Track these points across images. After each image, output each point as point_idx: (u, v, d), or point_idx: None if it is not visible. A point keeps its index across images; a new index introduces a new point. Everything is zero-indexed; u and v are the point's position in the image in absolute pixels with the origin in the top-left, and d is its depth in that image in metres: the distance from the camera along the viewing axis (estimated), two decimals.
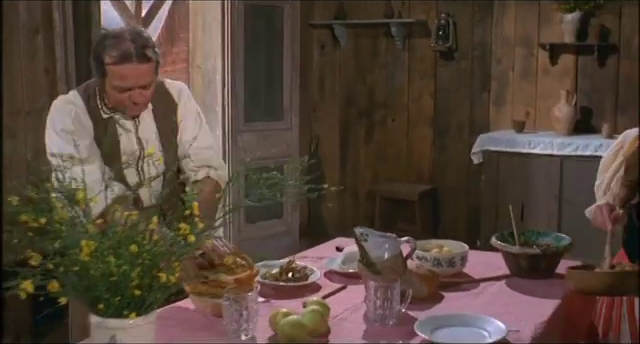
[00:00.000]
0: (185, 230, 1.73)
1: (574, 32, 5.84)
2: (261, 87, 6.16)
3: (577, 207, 5.49)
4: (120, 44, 2.56)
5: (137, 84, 2.61)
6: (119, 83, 2.60)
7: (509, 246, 2.75)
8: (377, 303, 2.22)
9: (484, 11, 6.29)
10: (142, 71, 2.60)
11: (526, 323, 2.23)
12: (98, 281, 1.70)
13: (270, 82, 6.32)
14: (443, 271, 2.65)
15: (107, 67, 2.58)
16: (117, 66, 2.57)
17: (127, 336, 1.71)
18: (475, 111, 6.43)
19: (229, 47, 5.90)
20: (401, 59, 6.68)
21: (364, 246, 2.39)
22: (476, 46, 6.37)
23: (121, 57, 2.56)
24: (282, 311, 2.16)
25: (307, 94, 6.82)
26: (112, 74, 2.59)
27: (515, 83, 6.25)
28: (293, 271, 2.62)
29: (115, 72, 2.58)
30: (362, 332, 2.20)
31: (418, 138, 6.66)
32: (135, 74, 2.59)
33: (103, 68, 2.59)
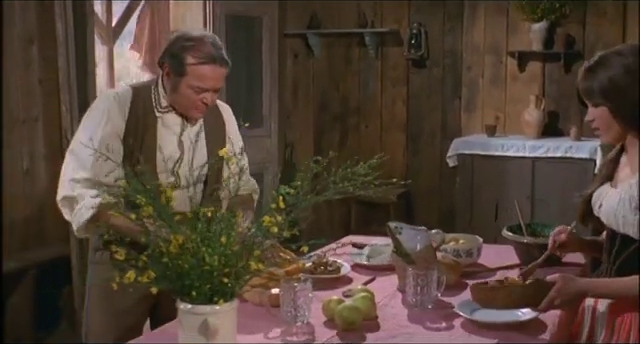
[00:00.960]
0: (269, 222, 1.91)
1: (541, 40, 6.14)
2: (241, 95, 6.32)
3: (549, 206, 5.82)
4: (202, 46, 2.66)
5: (214, 86, 2.72)
6: (199, 83, 2.67)
7: (521, 237, 2.98)
8: (417, 289, 2.42)
9: (454, 20, 6.57)
10: (220, 74, 2.72)
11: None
12: (190, 270, 1.86)
13: (249, 90, 6.49)
14: (462, 261, 2.87)
15: (189, 67, 2.65)
16: (200, 66, 2.65)
17: (216, 320, 1.87)
18: (447, 117, 6.70)
19: None
20: (374, 67, 6.91)
21: (399, 238, 2.60)
22: (447, 54, 6.63)
23: (206, 58, 2.65)
24: (334, 298, 2.36)
25: (281, 102, 7.00)
26: (193, 74, 2.66)
27: (485, 89, 6.53)
28: (325, 265, 2.82)
29: (197, 72, 2.66)
30: (406, 315, 2.41)
31: (391, 143, 6.89)
32: (215, 76, 2.70)
33: (183, 67, 2.65)
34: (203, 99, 2.71)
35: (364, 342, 2.20)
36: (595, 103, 2.22)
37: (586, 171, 5.72)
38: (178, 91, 2.71)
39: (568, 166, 5.80)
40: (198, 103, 2.72)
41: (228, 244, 1.88)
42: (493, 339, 2.21)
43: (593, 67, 2.22)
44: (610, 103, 2.18)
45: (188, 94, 2.70)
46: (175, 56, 2.68)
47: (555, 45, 6.17)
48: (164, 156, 2.77)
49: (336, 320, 2.27)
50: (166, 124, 2.79)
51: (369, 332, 2.26)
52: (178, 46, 2.68)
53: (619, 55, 2.20)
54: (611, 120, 2.21)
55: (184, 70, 2.66)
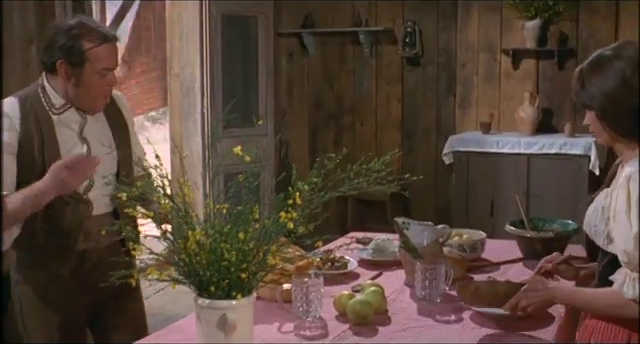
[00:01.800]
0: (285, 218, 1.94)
1: (535, 38, 6.20)
2: (237, 94, 6.35)
3: (544, 202, 5.88)
4: (90, 29, 2.59)
5: (115, 65, 2.66)
6: (105, 64, 2.60)
7: (524, 231, 3.03)
8: (425, 283, 2.47)
9: (448, 19, 6.62)
10: (116, 51, 2.67)
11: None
12: (209, 266, 1.90)
13: (245, 89, 6.53)
14: (467, 256, 2.91)
15: (88, 52, 2.55)
16: (99, 48, 2.57)
17: (235, 315, 1.91)
18: (441, 114, 6.76)
19: (207, 56, 6.09)
20: (369, 65, 6.96)
21: (406, 234, 2.64)
22: (441, 52, 6.69)
23: (101, 38, 2.58)
24: (345, 293, 2.41)
25: (277, 101, 7.03)
26: (96, 57, 2.57)
27: (479, 87, 6.59)
28: (332, 261, 2.85)
29: (99, 54, 2.58)
30: (415, 309, 2.46)
31: (386, 141, 6.94)
32: (114, 54, 2.65)
33: (83, 55, 2.55)
34: (108, 82, 2.63)
35: (376, 335, 2.24)
36: (587, 107, 2.19)
37: (580, 167, 5.79)
38: (82, 82, 2.59)
39: (563, 162, 5.86)
40: (105, 88, 2.65)
41: (246, 240, 1.91)
42: (502, 331, 2.25)
43: (587, 71, 2.16)
44: (596, 109, 2.14)
45: (94, 81, 2.60)
46: (69, 48, 2.55)
47: (549, 43, 6.23)
48: (72, 155, 2.64)
49: (348, 314, 2.32)
50: (64, 124, 2.66)
51: (381, 326, 2.31)
52: (66, 37, 2.56)
53: (616, 59, 2.11)
54: (600, 125, 2.17)
55: (84, 57, 2.56)
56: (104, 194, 2.71)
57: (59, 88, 2.62)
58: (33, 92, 2.65)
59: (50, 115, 2.63)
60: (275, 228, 1.94)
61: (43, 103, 2.63)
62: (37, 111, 2.61)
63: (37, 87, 2.66)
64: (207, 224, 1.96)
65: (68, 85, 2.60)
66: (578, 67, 2.22)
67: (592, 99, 2.14)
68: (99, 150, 2.68)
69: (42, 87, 2.64)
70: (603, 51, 2.18)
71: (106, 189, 2.69)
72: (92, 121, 2.72)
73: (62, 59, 2.56)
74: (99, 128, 2.74)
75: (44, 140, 2.61)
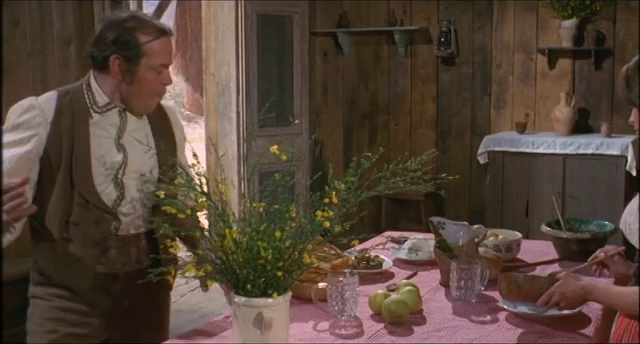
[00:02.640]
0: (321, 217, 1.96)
1: (571, 37, 6.16)
2: (272, 93, 6.39)
3: (580, 203, 5.84)
4: (145, 22, 2.43)
5: (171, 60, 2.52)
6: (161, 59, 2.44)
7: (560, 232, 3.02)
8: (461, 283, 2.47)
9: (484, 18, 6.59)
10: (172, 45, 2.52)
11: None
12: (246, 264, 1.92)
13: (280, 88, 6.56)
14: (502, 256, 2.90)
15: (144, 46, 2.39)
16: (157, 41, 2.41)
17: (271, 313, 1.92)
18: (476, 114, 6.73)
19: (243, 55, 6.13)
20: (403, 65, 6.95)
21: (441, 233, 2.64)
22: (476, 52, 6.66)
23: (157, 32, 2.43)
24: (380, 292, 2.41)
25: (311, 100, 7.06)
26: (152, 52, 2.41)
27: (515, 86, 6.55)
28: (368, 260, 2.86)
29: (156, 48, 2.42)
30: (451, 309, 2.46)
31: (421, 141, 6.93)
32: (170, 49, 2.51)
33: (139, 49, 2.38)
34: (163, 80, 2.47)
35: (411, 335, 2.25)
36: (636, 105, 2.21)
37: (617, 167, 5.73)
38: (137, 78, 2.41)
39: (599, 163, 5.81)
40: (159, 86, 2.48)
41: (282, 238, 1.93)
42: (538, 332, 2.25)
43: (631, 75, 2.18)
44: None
45: (149, 78, 2.42)
46: (125, 42, 2.38)
47: (585, 42, 6.18)
48: (104, 163, 2.44)
49: (383, 314, 2.32)
50: (102, 125, 2.45)
51: (415, 325, 2.31)
52: (120, 30, 2.39)
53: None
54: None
55: (140, 51, 2.39)
56: (136, 213, 2.48)
57: (106, 86, 2.44)
58: (76, 88, 2.48)
59: (90, 113, 2.42)
60: (311, 227, 1.96)
61: (86, 100, 2.43)
62: (75, 108, 2.42)
63: (82, 83, 2.49)
64: (244, 222, 1.98)
65: (120, 82, 2.42)
66: (625, 66, 2.24)
67: (637, 97, 2.16)
68: (138, 160, 2.49)
69: (88, 84, 2.46)
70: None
71: (139, 208, 2.48)
72: (134, 127, 2.51)
73: (116, 53, 2.38)
74: (140, 136, 2.51)
75: (74, 140, 2.40)
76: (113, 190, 2.45)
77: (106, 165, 2.43)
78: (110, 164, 2.44)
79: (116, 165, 2.45)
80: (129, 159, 2.47)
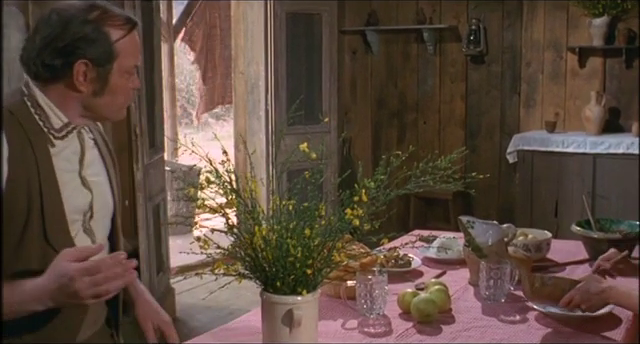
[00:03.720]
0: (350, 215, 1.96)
1: (602, 36, 6.11)
2: (301, 92, 6.40)
3: (610, 202, 5.79)
4: (112, 10, 1.88)
5: (139, 60, 1.99)
6: (134, 59, 1.92)
7: (591, 232, 2.99)
8: (490, 282, 2.45)
9: (514, 16, 6.56)
10: (138, 41, 1.97)
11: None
12: (275, 262, 1.92)
13: (309, 87, 6.57)
14: (532, 256, 2.89)
15: (117, 44, 1.85)
16: (129, 36, 1.88)
17: (300, 310, 1.93)
18: (505, 113, 6.70)
19: (272, 53, 6.14)
20: (432, 63, 6.94)
21: (471, 233, 2.63)
22: (506, 50, 6.63)
23: (129, 22, 1.90)
24: (409, 291, 2.41)
25: (340, 98, 7.06)
26: (125, 51, 1.87)
27: (545, 85, 6.51)
28: (396, 258, 2.86)
29: (128, 46, 1.88)
30: (480, 308, 2.45)
31: (450, 139, 6.92)
32: (138, 45, 1.96)
33: (111, 48, 1.83)
34: (134, 84, 1.95)
35: (440, 334, 2.24)
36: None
37: None
38: (109, 87, 1.87)
39: (630, 162, 5.76)
40: (131, 93, 1.97)
41: (311, 236, 1.93)
42: (566, 332, 2.23)
43: None
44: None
45: (121, 84, 1.90)
46: (92, 40, 1.81)
47: (616, 40, 6.13)
48: (74, 208, 1.91)
49: (412, 312, 2.32)
50: (64, 156, 1.90)
51: (444, 324, 2.31)
52: (82, 26, 1.81)
53: None
54: None
55: (112, 52, 1.85)
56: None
57: (62, 101, 1.87)
58: (18, 107, 1.85)
59: (50, 140, 1.86)
60: (340, 225, 1.96)
61: (38, 123, 1.85)
62: (30, 135, 1.82)
63: (22, 99, 1.86)
64: (273, 220, 1.99)
65: (85, 95, 1.86)
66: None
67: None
68: (102, 198, 2.01)
69: (33, 100, 1.86)
70: None
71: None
72: (91, 152, 1.99)
73: (82, 58, 1.81)
74: (95, 162, 2.00)
75: (40, 180, 1.82)
76: (86, 240, 1.95)
77: (76, 209, 1.91)
78: (79, 207, 1.93)
79: (85, 207, 1.94)
80: (94, 197, 1.97)
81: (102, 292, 1.66)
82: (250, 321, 2.34)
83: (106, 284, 1.65)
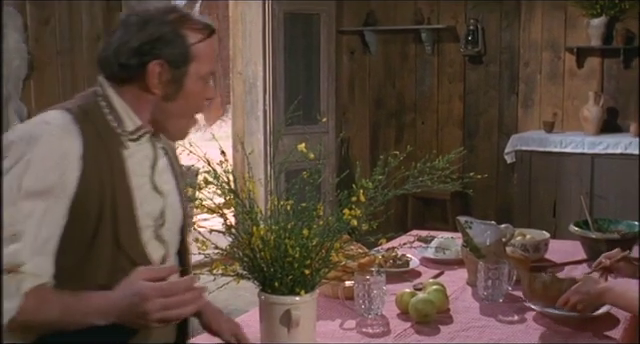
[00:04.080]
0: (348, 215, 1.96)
1: (600, 36, 6.10)
2: (299, 92, 6.40)
3: (608, 203, 5.79)
4: (190, 15, 1.86)
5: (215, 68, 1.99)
6: (210, 66, 1.89)
7: (589, 232, 3.00)
8: (488, 283, 2.45)
9: (512, 16, 6.56)
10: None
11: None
12: (273, 262, 1.92)
13: (307, 87, 6.57)
14: (530, 256, 2.89)
15: (195, 48, 1.81)
16: (207, 41, 1.84)
17: (298, 311, 1.92)
18: (503, 113, 6.70)
19: (270, 54, 6.14)
20: (430, 64, 6.94)
21: (469, 233, 2.63)
22: (504, 50, 6.63)
23: (207, 28, 1.86)
24: (407, 291, 2.41)
25: (338, 98, 7.07)
26: (202, 56, 1.84)
27: (543, 85, 6.51)
28: (394, 259, 2.86)
29: (206, 51, 1.85)
30: (478, 309, 2.45)
31: (448, 140, 6.91)
32: (216, 52, 1.98)
33: (188, 51, 1.80)
34: (208, 94, 1.92)
35: (438, 334, 2.24)
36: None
37: None
38: (183, 91, 1.84)
39: (628, 162, 5.76)
40: (203, 103, 1.94)
41: (309, 236, 1.93)
42: (564, 332, 2.23)
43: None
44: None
45: (196, 90, 1.86)
46: (168, 41, 1.79)
47: (614, 41, 6.13)
48: (147, 214, 1.88)
49: (410, 312, 2.32)
50: (137, 161, 1.87)
51: (442, 325, 2.30)
52: (160, 27, 1.79)
53: None
54: None
55: (189, 55, 1.81)
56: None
57: (135, 103, 1.84)
58: (91, 107, 1.82)
59: (123, 143, 1.83)
60: (338, 225, 1.96)
61: (110, 124, 1.82)
62: (104, 136, 1.80)
63: (96, 100, 1.83)
64: (271, 220, 1.99)
65: (157, 98, 1.83)
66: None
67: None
68: (173, 206, 1.99)
69: (108, 101, 1.83)
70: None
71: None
72: (163, 160, 1.97)
73: (158, 58, 1.78)
74: (165, 170, 1.98)
75: (114, 184, 1.78)
76: (158, 248, 1.93)
77: (148, 214, 1.88)
78: (151, 212, 1.89)
79: (156, 213, 1.91)
80: (166, 205, 1.94)
81: (172, 317, 1.63)
82: (249, 321, 2.33)
83: (177, 309, 1.62)
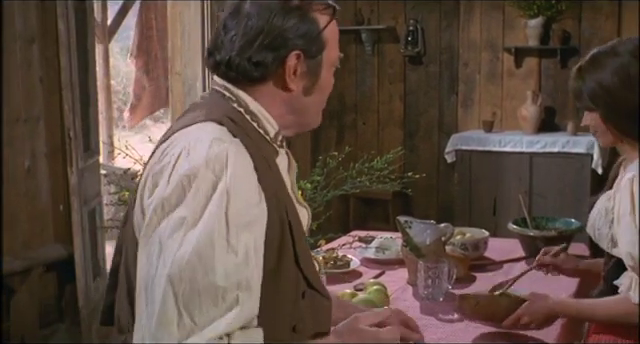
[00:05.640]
0: None
1: (537, 36, 6.19)
2: None
3: (547, 201, 5.87)
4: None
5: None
6: (337, 50, 1.69)
7: (527, 230, 3.02)
8: (428, 282, 2.46)
9: (451, 17, 6.61)
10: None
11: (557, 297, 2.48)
12: None
13: None
14: (469, 254, 2.91)
15: (326, 31, 1.61)
16: (333, 23, 1.65)
17: None
18: (444, 112, 6.75)
19: None
20: (371, 64, 6.95)
21: (408, 232, 2.63)
22: (444, 50, 6.68)
23: (330, 6, 1.65)
24: (348, 292, 2.40)
25: None
26: (332, 39, 1.65)
27: (482, 85, 6.58)
28: (335, 259, 2.84)
29: (334, 34, 1.66)
30: (418, 308, 2.46)
31: (389, 140, 6.93)
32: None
33: (321, 36, 1.60)
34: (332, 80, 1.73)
35: None
36: (587, 108, 2.13)
37: (583, 166, 5.78)
38: (318, 82, 1.64)
39: (565, 161, 5.85)
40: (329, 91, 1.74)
41: None
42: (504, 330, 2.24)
43: (585, 67, 2.11)
44: (600, 108, 2.08)
45: (329, 79, 1.69)
46: (303, 28, 1.57)
47: (551, 41, 6.22)
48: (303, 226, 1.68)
49: None
50: (281, 168, 1.65)
51: None
52: (289, 14, 1.56)
53: (614, 55, 2.07)
54: (604, 126, 2.11)
55: (322, 40, 1.61)
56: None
57: (269, 104, 1.62)
58: (234, 115, 1.58)
59: (276, 151, 1.64)
60: None
61: (258, 131, 1.60)
62: (261, 147, 1.57)
63: (232, 106, 1.59)
64: None
65: (292, 94, 1.61)
66: (575, 67, 2.17)
67: (596, 99, 2.09)
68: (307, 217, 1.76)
69: (245, 106, 1.60)
70: (600, 49, 2.14)
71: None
72: (293, 164, 1.75)
73: (296, 49, 1.57)
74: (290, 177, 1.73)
75: (284, 200, 1.56)
76: (314, 263, 1.71)
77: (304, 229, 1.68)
78: (304, 227, 1.69)
79: (306, 227, 1.73)
80: (308, 217, 1.76)
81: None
82: None
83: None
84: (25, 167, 4.51)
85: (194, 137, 1.47)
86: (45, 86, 4.65)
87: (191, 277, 1.33)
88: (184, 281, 1.33)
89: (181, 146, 1.46)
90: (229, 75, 1.59)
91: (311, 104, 1.65)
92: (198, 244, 1.34)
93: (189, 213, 1.37)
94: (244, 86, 1.60)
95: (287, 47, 1.55)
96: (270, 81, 1.59)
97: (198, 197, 1.38)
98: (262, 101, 1.61)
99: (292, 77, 1.58)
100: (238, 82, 1.59)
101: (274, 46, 1.55)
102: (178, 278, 1.33)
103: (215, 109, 1.56)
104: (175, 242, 1.35)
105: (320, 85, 1.64)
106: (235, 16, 1.56)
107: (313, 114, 1.69)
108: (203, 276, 1.34)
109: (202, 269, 1.34)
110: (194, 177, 1.39)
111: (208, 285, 1.34)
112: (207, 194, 1.38)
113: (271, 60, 1.55)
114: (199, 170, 1.40)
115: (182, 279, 1.33)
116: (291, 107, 1.63)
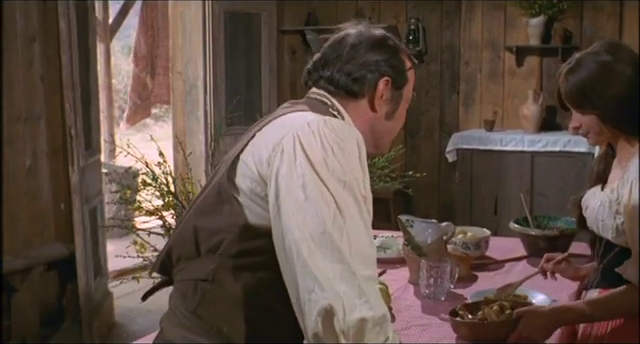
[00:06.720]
0: None
1: (539, 35, 6.19)
2: (240, 92, 6.35)
3: (548, 200, 5.87)
4: (401, 44, 1.99)
5: None
6: (413, 91, 1.99)
7: (528, 229, 3.02)
8: (430, 281, 2.46)
9: (452, 16, 6.61)
10: None
11: (559, 295, 2.48)
12: None
13: (248, 87, 6.53)
14: (471, 253, 2.90)
15: (409, 72, 1.93)
16: (413, 70, 1.97)
17: None
18: (445, 112, 6.75)
19: (210, 53, 6.08)
20: None
21: (410, 231, 2.63)
22: (445, 49, 6.68)
23: (413, 58, 2.01)
24: None
25: (280, 98, 7.02)
26: (411, 81, 1.96)
27: (483, 84, 6.57)
28: None
29: (413, 78, 1.97)
30: (420, 307, 2.45)
31: None
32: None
33: (405, 75, 1.92)
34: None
35: None
36: (583, 111, 2.14)
37: (584, 164, 5.76)
38: (397, 111, 1.93)
39: (567, 160, 5.85)
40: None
41: None
42: None
43: (572, 69, 2.16)
44: (595, 109, 2.09)
45: (403, 113, 1.97)
46: (396, 62, 1.89)
47: (552, 40, 6.22)
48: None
49: None
50: None
51: None
52: (385, 49, 1.88)
53: (594, 54, 2.15)
54: (601, 126, 2.12)
55: (406, 77, 1.91)
56: None
57: (357, 118, 1.87)
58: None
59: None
60: None
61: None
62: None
63: (330, 111, 1.84)
64: None
65: (376, 115, 1.88)
66: (562, 70, 2.20)
67: (579, 91, 2.11)
68: None
69: (340, 114, 1.85)
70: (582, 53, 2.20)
71: None
72: None
73: (388, 76, 1.86)
74: None
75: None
76: None
77: None
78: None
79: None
80: None
81: None
82: None
83: None
84: (26, 166, 4.51)
85: (309, 116, 1.72)
86: (46, 85, 4.65)
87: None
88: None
89: (307, 119, 1.68)
90: (328, 88, 1.86)
91: (388, 129, 1.94)
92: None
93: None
94: (339, 99, 1.84)
95: (380, 72, 1.84)
96: (362, 99, 1.85)
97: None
98: (352, 114, 1.85)
99: (379, 100, 1.85)
100: (335, 95, 1.85)
101: (370, 69, 1.83)
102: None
103: (317, 109, 1.79)
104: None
105: (398, 114, 1.92)
106: (341, 42, 1.88)
107: (387, 139, 1.97)
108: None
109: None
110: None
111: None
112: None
113: (370, 78, 1.83)
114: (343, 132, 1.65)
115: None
116: (373, 126, 1.89)
